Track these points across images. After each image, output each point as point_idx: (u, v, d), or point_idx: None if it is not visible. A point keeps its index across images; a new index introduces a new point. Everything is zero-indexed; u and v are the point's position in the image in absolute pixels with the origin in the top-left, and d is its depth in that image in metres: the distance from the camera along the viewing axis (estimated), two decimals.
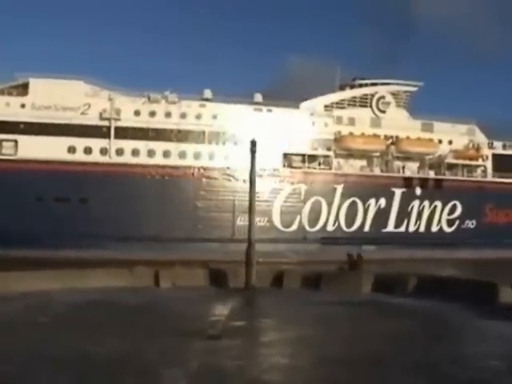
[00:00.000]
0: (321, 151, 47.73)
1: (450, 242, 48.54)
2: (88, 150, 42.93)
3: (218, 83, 62.26)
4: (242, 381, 7.02)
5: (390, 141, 50.47)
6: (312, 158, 47.80)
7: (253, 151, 15.84)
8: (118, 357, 7.94)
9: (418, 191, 49.93)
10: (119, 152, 43.52)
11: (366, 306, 13.14)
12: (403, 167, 50.73)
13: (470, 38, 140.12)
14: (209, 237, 42.50)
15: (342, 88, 52.90)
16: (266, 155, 46.33)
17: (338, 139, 48.59)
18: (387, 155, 50.11)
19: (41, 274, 15.17)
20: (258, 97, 49.45)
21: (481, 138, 55.12)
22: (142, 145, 43.76)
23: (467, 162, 52.64)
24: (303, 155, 47.23)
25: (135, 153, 43.73)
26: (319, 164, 47.74)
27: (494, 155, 54.20)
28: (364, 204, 48.06)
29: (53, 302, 12.49)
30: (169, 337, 9.27)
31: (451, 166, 52.33)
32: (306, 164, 47.29)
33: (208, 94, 48.11)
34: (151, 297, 13.99)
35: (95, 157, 42.93)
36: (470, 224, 51.46)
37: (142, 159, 43.65)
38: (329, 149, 48.47)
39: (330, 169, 48.20)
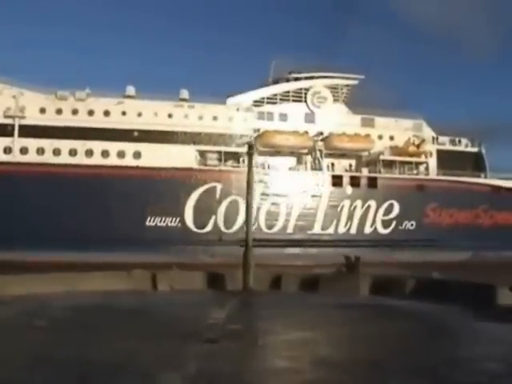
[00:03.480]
0: (239, 148, 45.30)
1: (385, 244, 45.57)
2: None
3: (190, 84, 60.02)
4: None
5: (320, 137, 47.75)
6: (231, 155, 45.56)
7: (250, 154, 16.01)
8: (116, 360, 7.85)
9: (349, 190, 46.99)
10: (23, 151, 42.31)
11: (364, 309, 13.14)
12: (332, 164, 47.86)
13: (423, 31, 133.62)
14: (116, 238, 40.82)
15: (276, 82, 50.44)
16: (179, 152, 44.89)
17: (260, 135, 46.14)
18: (316, 152, 47.40)
19: (37, 278, 15.03)
20: (184, 93, 47.76)
21: (428, 133, 51.66)
22: (47, 143, 42.52)
23: (407, 158, 49.33)
24: (219, 152, 45.07)
25: (40, 151, 42.51)
26: (238, 162, 45.39)
27: (439, 151, 50.59)
28: (287, 204, 45.53)
29: (50, 306, 12.44)
30: (166, 340, 9.19)
31: (389, 164, 49.11)
32: (223, 162, 45.09)
33: (131, 91, 46.65)
34: (148, 300, 14.00)
35: None
36: (409, 225, 48.10)
37: (47, 158, 42.36)
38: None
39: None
